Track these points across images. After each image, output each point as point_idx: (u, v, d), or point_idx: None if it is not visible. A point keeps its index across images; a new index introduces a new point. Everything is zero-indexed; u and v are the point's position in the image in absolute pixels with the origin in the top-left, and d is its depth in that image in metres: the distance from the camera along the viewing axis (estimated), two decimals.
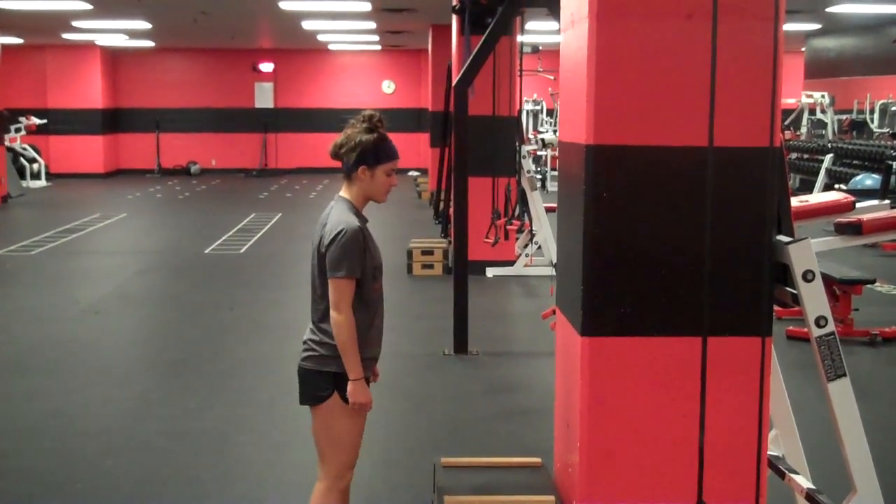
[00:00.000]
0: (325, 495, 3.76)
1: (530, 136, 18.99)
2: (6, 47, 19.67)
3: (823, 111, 19.07)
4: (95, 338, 7.92)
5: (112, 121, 24.45)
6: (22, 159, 20.95)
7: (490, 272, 10.51)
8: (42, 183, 21.37)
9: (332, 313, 3.57)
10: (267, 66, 24.92)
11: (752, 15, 3.20)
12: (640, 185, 3.31)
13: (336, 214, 3.67)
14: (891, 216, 3.87)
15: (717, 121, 3.02)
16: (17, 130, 20.80)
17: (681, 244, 3.31)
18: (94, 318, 8.64)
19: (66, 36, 19.96)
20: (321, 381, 3.67)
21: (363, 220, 3.70)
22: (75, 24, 17.25)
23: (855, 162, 15.38)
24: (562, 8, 3.73)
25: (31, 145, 21.45)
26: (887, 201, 4.41)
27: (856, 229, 3.79)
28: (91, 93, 23.69)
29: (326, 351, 3.63)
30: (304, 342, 3.75)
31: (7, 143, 19.42)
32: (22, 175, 20.58)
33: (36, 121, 21.32)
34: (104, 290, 9.90)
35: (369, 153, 3.67)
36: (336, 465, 3.76)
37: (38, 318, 8.56)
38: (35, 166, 21.38)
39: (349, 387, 3.61)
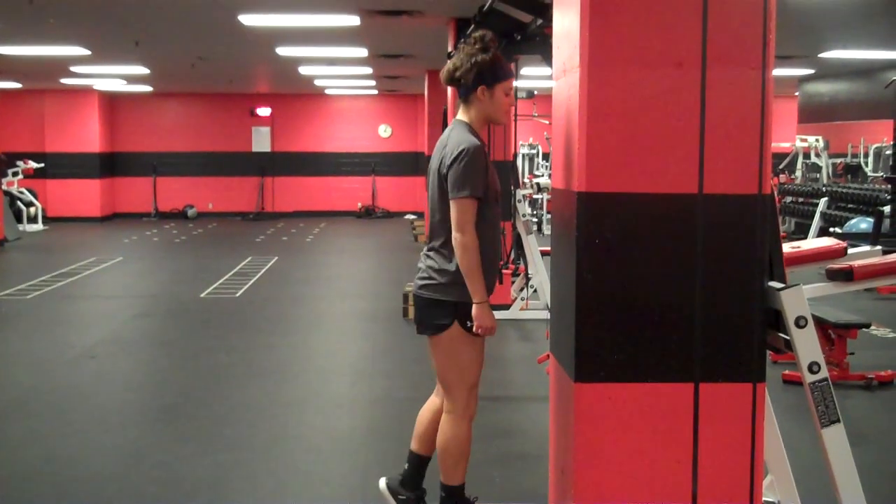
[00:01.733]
0: (456, 424, 3.77)
1: (526, 180, 19.06)
2: (4, 92, 19.79)
3: (818, 155, 19.17)
4: (90, 383, 7.90)
5: (109, 164, 24.54)
6: (19, 203, 21.00)
7: None
8: (39, 226, 21.41)
9: (456, 234, 3.52)
10: (264, 111, 25.06)
11: (740, 64, 3.24)
12: (631, 232, 3.33)
13: (457, 135, 3.64)
14: (882, 262, 3.89)
15: (707, 168, 3.05)
16: (15, 174, 20.88)
17: (672, 290, 3.33)
18: (90, 362, 8.62)
19: (65, 80, 20.09)
20: (442, 311, 3.65)
21: (483, 142, 3.66)
22: (74, 69, 17.37)
23: (850, 205, 15.44)
24: (554, 56, 3.77)
25: (28, 189, 21.53)
26: (879, 247, 4.41)
27: (847, 276, 3.80)
28: (89, 137, 23.80)
29: (446, 279, 3.60)
30: (422, 269, 3.72)
31: (4, 187, 19.49)
32: (19, 219, 20.62)
33: (33, 164, 21.42)
34: (100, 334, 9.89)
35: (487, 72, 3.65)
36: (463, 392, 3.77)
37: (34, 363, 8.55)
38: (32, 210, 21.43)
39: (474, 309, 3.58)
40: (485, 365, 8.24)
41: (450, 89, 11.52)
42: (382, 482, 4.42)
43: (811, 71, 18.78)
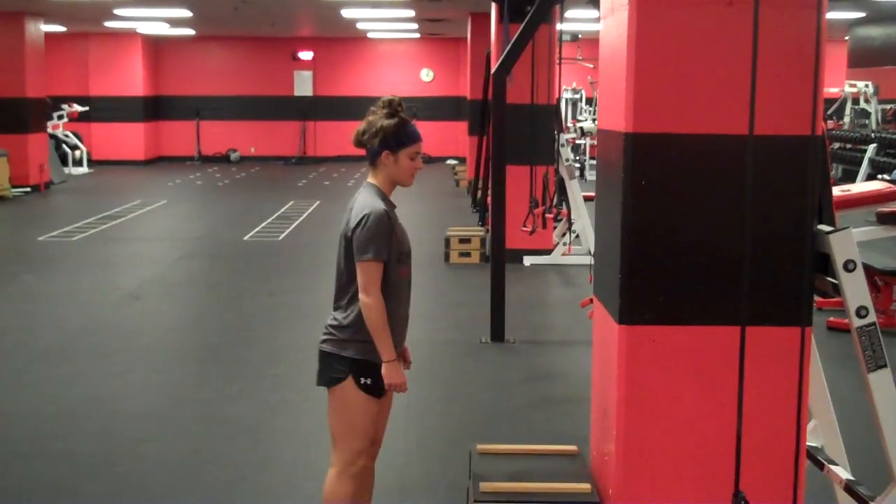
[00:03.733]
0: (337, 480, 3.79)
1: (569, 124, 18.93)
2: (49, 35, 19.84)
3: (867, 101, 18.83)
4: (135, 323, 7.99)
5: (153, 108, 24.63)
6: (64, 146, 21.16)
7: (527, 261, 10.49)
8: (84, 170, 21.59)
9: (361, 296, 3.58)
10: (306, 55, 24.98)
11: (794, 2, 3.17)
12: (679, 174, 3.29)
13: (362, 199, 3.68)
14: None
15: (758, 109, 2.98)
16: (60, 118, 21.03)
17: (720, 233, 3.29)
18: (135, 303, 8.72)
19: (108, 24, 20.12)
20: (337, 364, 3.69)
21: (390, 205, 3.70)
22: (117, 12, 17.38)
23: None
24: None
25: (73, 132, 21.68)
26: None
27: None
28: (132, 80, 23.87)
29: (344, 335, 3.66)
30: (326, 326, 3.78)
31: (50, 130, 19.64)
32: (64, 162, 20.79)
33: (78, 108, 21.55)
34: (144, 276, 9.99)
35: (391, 138, 3.67)
36: (347, 451, 3.78)
37: (80, 304, 8.66)
38: (77, 153, 21.60)
39: (384, 368, 3.62)
40: (528, 310, 8.27)
41: (493, 33, 11.42)
42: None
43: (862, 14, 18.37)
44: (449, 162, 24.09)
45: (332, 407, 3.77)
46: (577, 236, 10.52)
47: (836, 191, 4.05)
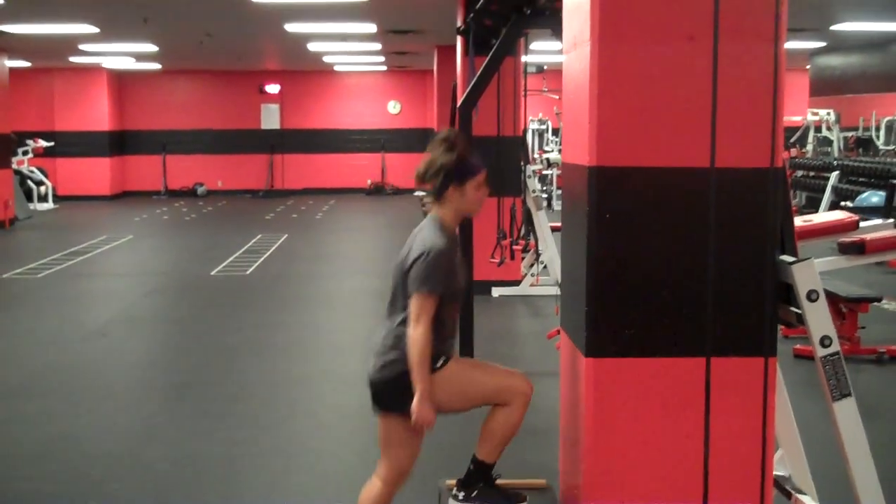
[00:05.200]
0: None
1: (536, 155, 19.02)
2: (14, 70, 19.76)
3: (829, 128, 19.07)
4: (102, 361, 7.92)
5: (119, 143, 24.54)
6: (29, 182, 21.02)
7: (496, 292, 10.51)
8: (49, 205, 21.44)
9: (412, 326, 3.61)
10: (273, 88, 25.01)
11: (752, 36, 3.22)
12: (642, 207, 3.32)
13: (424, 234, 3.74)
14: (894, 235, 3.87)
15: (719, 142, 3.03)
16: (25, 153, 20.89)
17: (684, 265, 3.31)
18: (101, 340, 8.65)
19: (74, 59, 20.07)
20: (399, 393, 3.71)
21: (453, 240, 3.75)
22: (82, 47, 17.34)
23: (861, 179, 15.36)
24: (564, 30, 3.74)
25: (38, 168, 21.54)
26: (891, 220, 4.39)
27: (859, 249, 3.79)
28: (98, 115, 23.79)
29: (406, 365, 3.69)
30: (379, 355, 3.80)
31: (14, 166, 19.50)
32: (29, 198, 20.64)
33: (43, 143, 21.42)
34: (111, 312, 9.91)
35: (454, 173, 3.72)
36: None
37: (45, 342, 8.58)
38: (42, 189, 21.45)
39: (416, 401, 3.65)
40: (496, 341, 8.27)
41: (459, 66, 11.47)
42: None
43: (823, 44, 18.64)
44: (417, 193, 24.12)
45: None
46: (545, 267, 10.55)
47: (799, 221, 4.10)
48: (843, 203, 14.73)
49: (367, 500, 3.96)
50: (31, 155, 21.07)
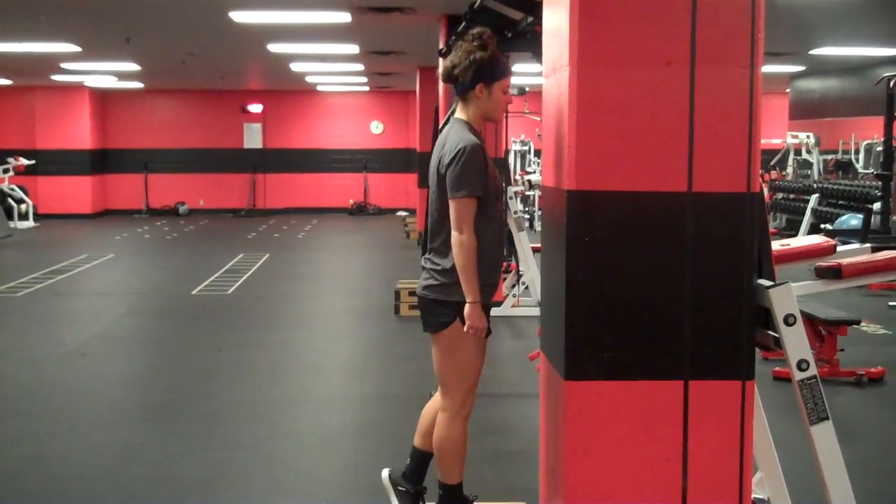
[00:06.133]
0: (452, 423, 3.82)
1: (517, 176, 19.07)
2: None
3: (809, 151, 19.21)
4: (81, 380, 7.89)
5: (100, 161, 24.49)
6: (10, 200, 20.95)
7: None
8: (30, 224, 21.37)
9: (454, 233, 3.55)
10: (256, 107, 25.03)
11: (729, 62, 3.25)
12: (621, 230, 3.34)
13: (455, 133, 3.66)
14: (870, 260, 3.91)
15: (696, 166, 3.05)
16: (6, 171, 20.84)
17: (661, 289, 3.33)
18: (80, 360, 8.61)
19: (55, 77, 20.04)
20: (444, 309, 3.68)
21: (481, 139, 3.68)
22: (64, 65, 17.32)
23: (841, 202, 15.48)
24: (544, 55, 3.77)
25: (19, 186, 21.48)
26: (868, 245, 4.42)
27: (836, 273, 3.82)
28: (80, 133, 23.75)
29: (449, 279, 3.63)
30: (425, 269, 3.75)
31: None
32: (10, 216, 20.57)
33: (24, 161, 21.38)
34: (90, 331, 9.88)
35: (486, 70, 3.66)
36: (460, 391, 3.81)
37: (24, 361, 8.53)
38: (23, 207, 21.39)
39: (467, 309, 3.61)
40: None
41: (441, 86, 11.53)
42: (385, 472, 4.44)
43: (802, 68, 18.81)
44: (399, 213, 24.14)
45: (440, 351, 3.77)
46: (527, 288, 10.57)
47: (776, 245, 4.13)
48: (822, 226, 14.83)
49: (429, 411, 3.88)
50: (11, 173, 21.01)
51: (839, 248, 4.28)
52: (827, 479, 3.49)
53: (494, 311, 10.32)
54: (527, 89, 18.15)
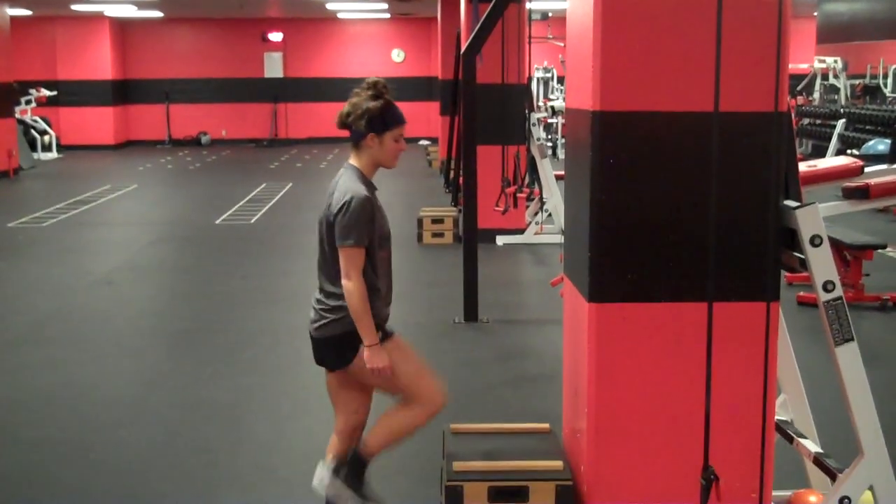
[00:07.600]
0: (422, 416, 3.78)
1: (540, 103, 18.94)
2: (15, 19, 19.63)
3: (836, 76, 18.93)
4: (107, 308, 7.96)
5: (122, 92, 24.44)
6: (33, 131, 20.97)
7: (500, 240, 10.51)
8: (53, 155, 21.42)
9: (343, 281, 3.59)
10: (276, 36, 24.84)
11: None
12: (645, 152, 3.31)
13: (344, 183, 3.69)
14: None
15: (723, 86, 3.00)
16: (28, 102, 20.82)
17: (686, 210, 3.31)
18: (107, 288, 8.68)
19: (75, 7, 19.93)
20: (346, 342, 3.67)
21: (372, 188, 3.71)
22: None
23: (868, 127, 15.29)
24: None
25: (41, 117, 21.48)
26: None
27: (863, 193, 3.78)
28: (101, 64, 23.66)
29: (343, 314, 3.64)
30: (316, 311, 3.76)
31: (18, 116, 19.44)
32: (33, 147, 20.61)
33: (46, 93, 21.34)
34: (116, 261, 9.94)
35: (377, 120, 3.68)
36: (427, 387, 3.78)
37: (51, 290, 8.61)
38: (46, 138, 21.42)
39: (365, 353, 3.62)
40: (500, 289, 8.29)
41: (463, 12, 11.39)
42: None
43: None
44: (422, 142, 24.05)
45: (375, 377, 3.72)
46: (550, 215, 10.55)
47: (803, 166, 4.08)
48: (849, 151, 14.67)
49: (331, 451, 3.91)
50: (34, 104, 21.00)
51: (866, 170, 4.23)
52: (851, 400, 3.48)
53: (518, 239, 10.40)
54: (550, 14, 17.93)
